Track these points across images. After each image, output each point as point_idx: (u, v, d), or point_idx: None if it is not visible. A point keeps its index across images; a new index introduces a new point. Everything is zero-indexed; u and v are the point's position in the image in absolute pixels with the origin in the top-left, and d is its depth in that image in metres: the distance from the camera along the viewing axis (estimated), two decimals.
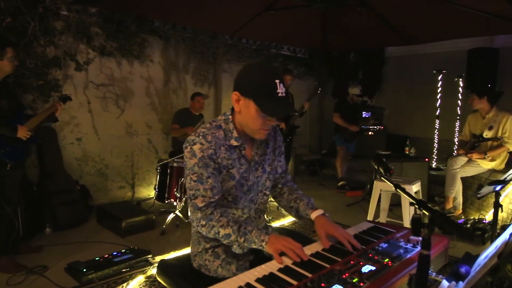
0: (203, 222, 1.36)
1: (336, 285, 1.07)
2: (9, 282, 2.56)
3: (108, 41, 4.29)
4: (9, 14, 3.39)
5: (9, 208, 2.70)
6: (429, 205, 0.99)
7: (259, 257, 1.50)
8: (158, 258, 2.97)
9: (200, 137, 1.38)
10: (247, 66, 1.47)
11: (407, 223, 3.07)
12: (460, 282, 1.13)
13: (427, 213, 0.94)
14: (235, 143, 1.44)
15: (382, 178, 1.39)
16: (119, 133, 4.61)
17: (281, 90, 1.34)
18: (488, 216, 3.68)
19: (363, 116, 5.68)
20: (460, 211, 3.95)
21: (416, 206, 1.02)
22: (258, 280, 1.12)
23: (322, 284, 1.07)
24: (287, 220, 4.10)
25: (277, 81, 1.33)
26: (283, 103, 1.36)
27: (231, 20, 4.69)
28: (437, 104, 5.45)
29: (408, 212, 3.07)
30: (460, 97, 5.31)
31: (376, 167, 1.41)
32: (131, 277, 2.69)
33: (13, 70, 2.77)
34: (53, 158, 3.86)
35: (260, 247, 1.31)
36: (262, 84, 1.34)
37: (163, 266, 1.61)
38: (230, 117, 1.47)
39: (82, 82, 4.21)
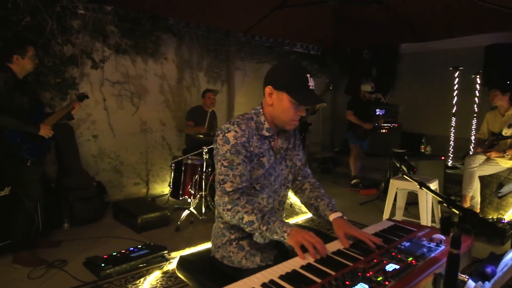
0: (229, 206, 1.40)
1: (361, 283, 1.06)
2: (30, 275, 2.62)
3: (123, 39, 4.34)
4: (28, 13, 3.45)
5: (30, 204, 2.76)
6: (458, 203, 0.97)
7: (282, 252, 1.54)
8: (173, 254, 3.01)
9: (235, 125, 1.46)
10: (278, 64, 1.59)
11: (424, 221, 3.04)
12: (487, 283, 1.11)
13: (457, 212, 0.92)
14: (266, 133, 1.53)
15: (405, 176, 1.37)
16: (133, 130, 4.66)
17: (311, 83, 1.47)
18: (507, 216, 3.61)
19: (377, 113, 5.62)
20: (478, 210, 3.89)
21: (445, 205, 1.01)
22: (281, 277, 1.12)
23: (347, 282, 1.07)
24: (301, 218, 4.10)
25: (308, 75, 1.46)
26: (313, 94, 1.48)
27: (244, 18, 4.69)
28: (454, 102, 5.36)
29: (425, 211, 3.04)
30: (477, 94, 5.21)
31: (398, 165, 1.40)
32: (148, 272, 2.73)
33: (33, 68, 2.82)
34: (71, 155, 3.93)
35: (282, 238, 1.33)
36: (295, 78, 1.45)
37: (183, 262, 1.63)
38: (261, 110, 1.56)
39: (98, 79, 4.27)
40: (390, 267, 1.17)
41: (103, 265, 2.66)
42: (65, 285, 2.51)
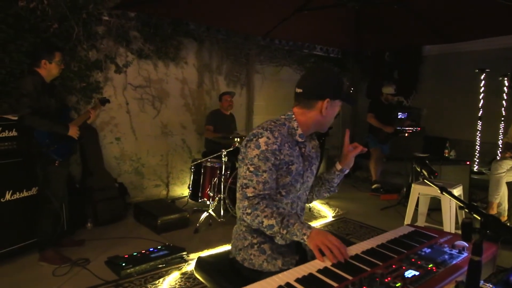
0: (249, 211, 1.41)
1: None
2: (55, 272, 2.71)
3: (145, 44, 4.45)
4: (56, 20, 3.59)
5: (56, 203, 2.86)
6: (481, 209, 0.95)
7: (304, 256, 1.55)
8: (192, 256, 3.04)
9: (268, 131, 1.46)
10: (321, 73, 1.59)
11: (447, 228, 2.95)
12: None
13: (478, 218, 0.89)
14: (299, 139, 1.56)
15: (426, 181, 1.34)
16: (155, 133, 4.76)
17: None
18: None
19: (399, 117, 5.50)
20: (505, 217, 3.74)
21: (466, 210, 0.98)
22: (297, 280, 1.12)
23: (364, 287, 1.05)
24: (319, 222, 4.06)
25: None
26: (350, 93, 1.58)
27: (263, 21, 4.71)
28: (480, 105, 5.19)
29: (449, 217, 2.95)
30: (505, 97, 5.02)
31: (418, 170, 1.37)
32: (167, 273, 2.77)
33: (59, 73, 2.94)
34: (95, 157, 4.05)
35: (302, 241, 1.34)
36: (342, 84, 1.56)
37: (201, 263, 1.65)
38: (293, 116, 1.56)
39: (121, 84, 4.39)
40: (409, 273, 1.14)
41: (124, 264, 2.72)
42: (88, 283, 2.58)
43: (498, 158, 4.10)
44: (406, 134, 5.21)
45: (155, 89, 4.71)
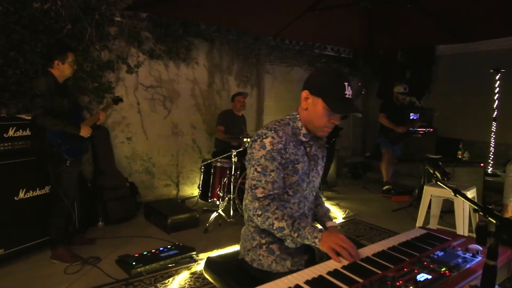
0: (259, 212, 1.41)
1: None
2: (67, 270, 2.75)
3: (157, 45, 4.49)
4: (69, 21, 3.65)
5: (67, 202, 2.90)
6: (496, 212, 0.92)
7: (313, 257, 1.54)
8: (201, 255, 3.05)
9: (272, 131, 1.47)
10: (318, 69, 1.64)
11: (460, 231, 2.89)
12: None
13: (493, 221, 0.87)
14: (303, 139, 1.55)
15: (438, 182, 1.31)
16: (165, 133, 4.79)
17: (348, 92, 1.44)
18: None
19: (411, 117, 5.43)
20: None
21: (481, 213, 0.96)
22: (307, 282, 1.11)
23: None
24: None
25: (346, 83, 1.44)
26: (348, 103, 1.46)
27: (274, 21, 4.70)
28: (494, 106, 5.09)
29: (462, 220, 2.89)
30: None
31: (431, 171, 1.34)
32: (177, 272, 2.78)
33: (72, 73, 2.98)
34: (106, 156, 4.10)
35: (313, 244, 1.33)
36: (332, 85, 1.45)
37: (210, 263, 1.65)
38: (298, 116, 1.56)
39: (132, 84, 4.43)
40: (422, 276, 1.12)
41: (134, 263, 2.74)
42: (98, 281, 2.61)
43: None
44: (418, 135, 5.14)
45: (166, 89, 4.74)
